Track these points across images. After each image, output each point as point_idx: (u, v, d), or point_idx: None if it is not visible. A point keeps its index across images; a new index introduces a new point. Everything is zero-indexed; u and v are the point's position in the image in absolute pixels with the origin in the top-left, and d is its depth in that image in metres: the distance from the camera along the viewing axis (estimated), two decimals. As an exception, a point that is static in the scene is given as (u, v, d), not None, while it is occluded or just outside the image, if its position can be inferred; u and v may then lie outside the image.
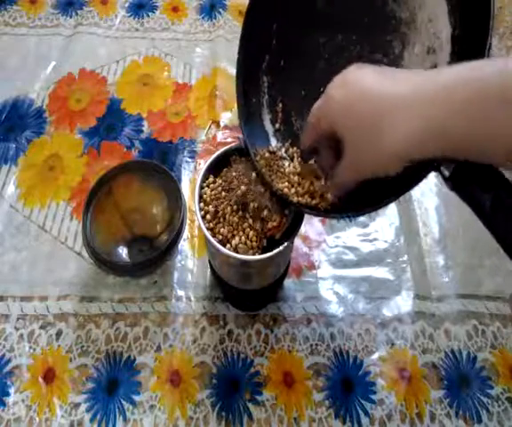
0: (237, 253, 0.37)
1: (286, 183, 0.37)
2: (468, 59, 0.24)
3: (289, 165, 0.39)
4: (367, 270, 0.56)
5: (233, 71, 0.40)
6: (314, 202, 0.36)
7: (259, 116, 0.41)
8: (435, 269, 0.56)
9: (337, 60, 0.37)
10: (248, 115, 0.40)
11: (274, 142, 0.41)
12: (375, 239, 0.58)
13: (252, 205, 0.37)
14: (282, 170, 0.38)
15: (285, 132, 0.41)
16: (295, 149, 0.40)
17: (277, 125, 0.42)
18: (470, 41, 0.28)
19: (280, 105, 0.41)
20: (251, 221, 0.38)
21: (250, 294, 0.48)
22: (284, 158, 0.40)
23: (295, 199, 0.37)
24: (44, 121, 0.66)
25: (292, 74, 0.40)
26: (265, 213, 0.37)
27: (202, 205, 0.40)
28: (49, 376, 0.47)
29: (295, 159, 0.39)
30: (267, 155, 0.39)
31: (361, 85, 0.28)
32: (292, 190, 0.37)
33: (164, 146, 0.64)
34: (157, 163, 0.52)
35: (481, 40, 0.27)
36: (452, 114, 0.24)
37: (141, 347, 0.49)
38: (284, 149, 0.40)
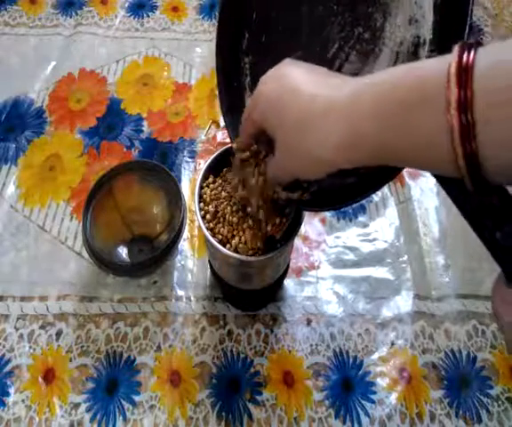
0: (237, 253, 0.37)
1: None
2: (451, 27, 0.24)
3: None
4: (367, 270, 0.56)
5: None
6: (296, 195, 0.35)
7: (241, 101, 0.40)
8: (435, 270, 0.56)
9: (319, 32, 0.36)
10: (230, 101, 0.39)
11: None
12: (375, 239, 0.58)
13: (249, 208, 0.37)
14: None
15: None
16: None
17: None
18: (452, 9, 0.28)
19: None
20: (251, 222, 0.38)
21: (250, 294, 0.48)
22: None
23: (283, 194, 0.36)
24: (44, 121, 0.66)
25: (272, 50, 0.38)
26: (261, 214, 0.37)
27: (202, 205, 0.40)
28: (49, 376, 0.47)
29: None
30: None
31: (293, 84, 0.27)
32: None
33: (163, 146, 0.64)
34: (157, 163, 0.52)
35: (463, 8, 0.26)
36: (365, 120, 0.23)
37: (141, 347, 0.49)
38: None
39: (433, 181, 0.63)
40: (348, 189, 0.33)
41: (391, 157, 0.23)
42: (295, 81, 0.27)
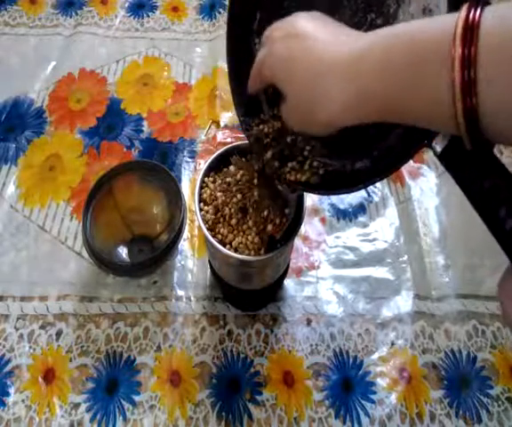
0: (237, 253, 0.37)
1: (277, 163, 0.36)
2: None
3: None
4: (367, 270, 0.56)
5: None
6: (304, 177, 0.35)
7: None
8: (435, 270, 0.56)
9: (331, 16, 0.36)
10: (240, 84, 0.38)
11: (267, 110, 0.39)
12: (375, 239, 0.58)
13: (251, 209, 0.37)
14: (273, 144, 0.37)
15: (276, 95, 0.39)
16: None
17: (270, 90, 0.39)
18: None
19: None
20: (251, 223, 0.38)
21: (250, 294, 0.48)
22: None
23: (290, 177, 0.35)
24: (44, 121, 0.66)
25: None
26: (265, 213, 0.37)
27: (202, 205, 0.40)
28: (49, 376, 0.47)
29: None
30: (255, 129, 0.37)
31: (305, 42, 0.27)
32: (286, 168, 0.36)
33: (163, 146, 0.64)
34: (157, 163, 0.52)
35: None
36: (372, 76, 0.23)
37: (141, 347, 0.49)
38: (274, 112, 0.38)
39: (433, 180, 0.63)
40: (358, 174, 0.32)
41: (397, 113, 0.24)
42: (308, 38, 0.27)
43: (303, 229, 0.58)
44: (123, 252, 0.53)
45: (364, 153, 0.33)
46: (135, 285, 0.53)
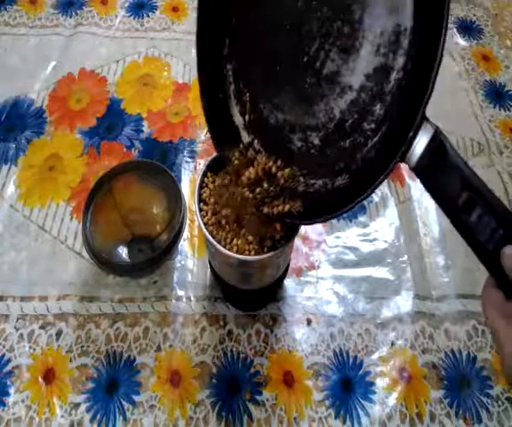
0: (237, 253, 0.37)
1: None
2: (431, 12, 0.23)
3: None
4: (367, 270, 0.56)
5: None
6: (287, 207, 0.34)
7: (227, 111, 0.39)
8: (435, 269, 0.56)
9: (298, 31, 0.35)
10: (215, 113, 0.38)
11: (245, 136, 0.39)
12: (375, 239, 0.58)
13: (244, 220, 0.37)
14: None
15: (255, 122, 0.39)
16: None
17: (247, 117, 0.39)
18: None
19: (247, 94, 0.38)
20: (244, 232, 0.38)
21: (250, 294, 0.48)
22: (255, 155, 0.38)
23: (267, 210, 0.35)
24: (44, 121, 0.66)
25: (254, 52, 0.38)
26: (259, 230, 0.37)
27: (202, 205, 0.40)
28: (49, 376, 0.47)
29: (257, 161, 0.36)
30: (236, 159, 0.37)
31: None
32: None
33: (164, 146, 0.64)
34: (157, 163, 0.52)
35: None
36: None
37: (141, 347, 0.49)
38: (255, 142, 0.38)
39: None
40: (339, 194, 0.32)
41: None
42: None
43: (303, 229, 0.58)
44: (123, 252, 0.53)
45: (343, 167, 0.33)
46: (135, 285, 0.53)
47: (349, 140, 0.33)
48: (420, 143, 0.26)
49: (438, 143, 0.26)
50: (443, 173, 0.26)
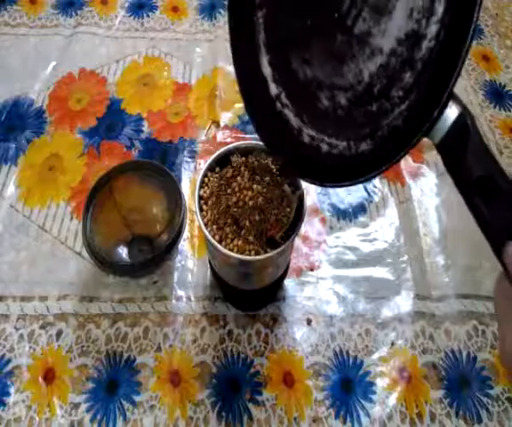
0: (237, 253, 0.37)
1: None
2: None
3: None
4: (367, 270, 0.56)
5: (233, 71, 0.39)
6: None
7: (256, 61, 0.38)
8: (435, 269, 0.56)
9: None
10: (243, 62, 0.38)
11: (273, 88, 0.38)
12: (375, 239, 0.58)
13: (244, 222, 0.37)
14: None
15: (283, 74, 0.38)
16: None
17: (275, 69, 0.38)
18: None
19: (277, 44, 0.38)
20: (247, 222, 0.38)
21: (250, 294, 0.48)
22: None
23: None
24: (44, 121, 0.66)
25: (284, 2, 0.36)
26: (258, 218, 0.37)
27: (202, 204, 0.40)
28: (49, 376, 0.47)
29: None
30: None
31: None
32: None
33: (164, 146, 0.64)
34: (157, 163, 0.52)
35: None
36: None
37: (141, 347, 0.49)
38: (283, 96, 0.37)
39: (433, 180, 0.63)
40: (362, 161, 0.32)
41: None
42: None
43: (303, 229, 0.58)
44: (123, 252, 0.53)
45: (368, 133, 0.32)
46: (135, 285, 0.53)
47: (376, 104, 0.32)
48: (446, 122, 0.26)
49: (462, 125, 0.26)
50: (463, 155, 0.26)
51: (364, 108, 0.33)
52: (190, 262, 0.55)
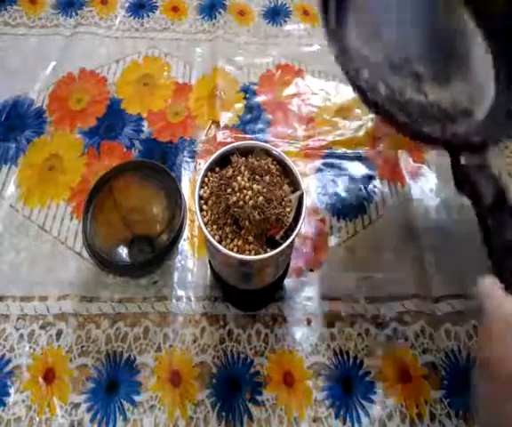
0: (237, 253, 0.37)
1: None
2: None
3: None
4: (367, 270, 0.55)
5: (233, 71, 0.39)
6: None
7: (345, 36, 0.39)
8: (435, 269, 0.56)
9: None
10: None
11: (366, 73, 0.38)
12: (375, 239, 0.58)
13: (244, 222, 0.37)
14: None
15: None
16: None
17: (365, 41, 0.39)
18: None
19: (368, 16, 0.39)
20: (247, 222, 0.38)
21: (250, 294, 0.48)
22: None
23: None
24: (44, 121, 0.66)
25: None
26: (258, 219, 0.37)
27: (202, 204, 0.40)
28: (49, 376, 0.47)
29: None
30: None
31: None
32: None
33: (164, 146, 0.64)
34: (157, 163, 0.52)
35: None
36: None
37: (141, 347, 0.49)
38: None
39: (433, 180, 0.63)
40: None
41: None
42: None
43: (303, 229, 0.58)
44: (123, 252, 0.53)
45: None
46: (135, 285, 0.53)
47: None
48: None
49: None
50: (480, 179, 0.31)
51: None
52: (190, 262, 0.55)
